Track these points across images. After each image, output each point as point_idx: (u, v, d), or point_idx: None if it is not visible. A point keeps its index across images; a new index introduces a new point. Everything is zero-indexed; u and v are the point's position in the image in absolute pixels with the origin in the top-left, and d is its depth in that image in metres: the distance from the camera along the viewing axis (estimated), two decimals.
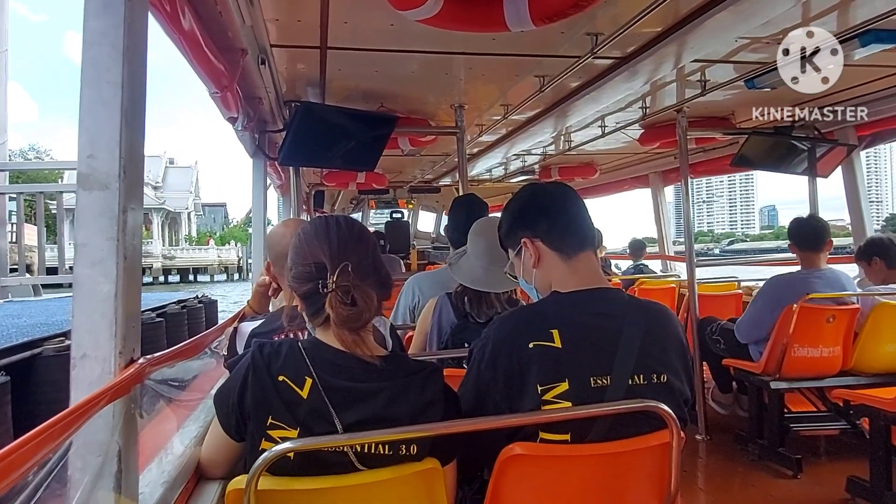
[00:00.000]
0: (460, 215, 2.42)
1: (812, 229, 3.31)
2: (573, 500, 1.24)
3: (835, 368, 3.19)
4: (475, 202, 2.52)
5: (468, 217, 2.26)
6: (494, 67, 3.02)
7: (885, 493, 2.59)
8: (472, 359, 1.32)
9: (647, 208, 6.46)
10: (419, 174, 7.06)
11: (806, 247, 3.29)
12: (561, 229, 1.35)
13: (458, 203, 2.56)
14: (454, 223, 2.44)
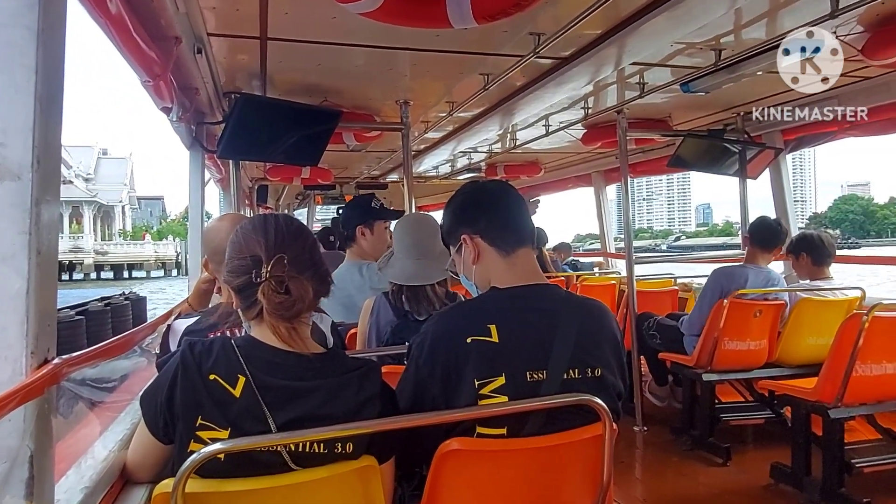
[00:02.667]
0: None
1: (770, 231, 3.46)
2: (510, 493, 1.25)
3: (761, 360, 3.36)
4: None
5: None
6: (439, 64, 3.02)
7: (804, 478, 2.75)
8: (410, 354, 1.32)
9: (592, 206, 6.63)
10: (366, 170, 7.00)
11: (758, 244, 3.45)
12: (499, 226, 1.36)
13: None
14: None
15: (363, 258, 2.67)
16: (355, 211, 2.80)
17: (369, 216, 2.65)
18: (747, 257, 3.50)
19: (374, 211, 2.66)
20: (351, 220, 2.72)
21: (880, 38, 2.48)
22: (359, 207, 2.79)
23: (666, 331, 3.73)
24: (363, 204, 2.78)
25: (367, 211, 2.70)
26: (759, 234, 3.46)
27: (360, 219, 2.69)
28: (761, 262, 3.44)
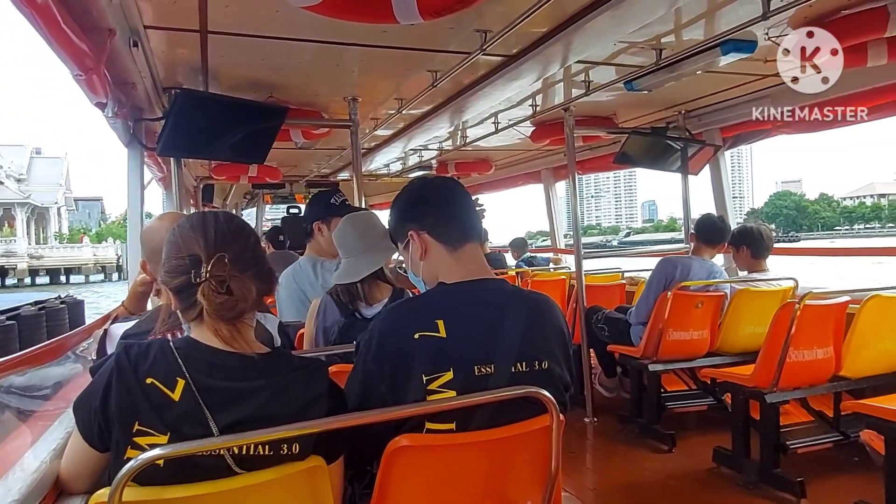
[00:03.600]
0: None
1: (715, 228, 3.61)
2: (460, 486, 1.26)
3: (703, 350, 3.49)
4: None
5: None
6: (387, 60, 3.00)
7: (744, 460, 2.87)
8: (358, 352, 1.31)
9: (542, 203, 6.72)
10: (315, 168, 6.89)
11: (703, 240, 3.60)
12: (446, 222, 1.36)
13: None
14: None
15: (320, 255, 2.65)
16: (314, 207, 2.76)
17: (326, 212, 2.62)
18: (693, 251, 3.63)
19: (332, 207, 2.63)
20: (309, 216, 2.71)
21: None
22: (318, 203, 2.75)
23: (614, 324, 3.82)
24: (323, 199, 2.74)
25: (326, 207, 2.67)
26: (705, 231, 3.60)
27: (317, 214, 2.66)
28: (706, 256, 3.58)
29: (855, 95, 3.34)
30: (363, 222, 2.06)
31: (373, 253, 1.95)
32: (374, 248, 1.96)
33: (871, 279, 3.15)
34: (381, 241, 1.95)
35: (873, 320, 2.85)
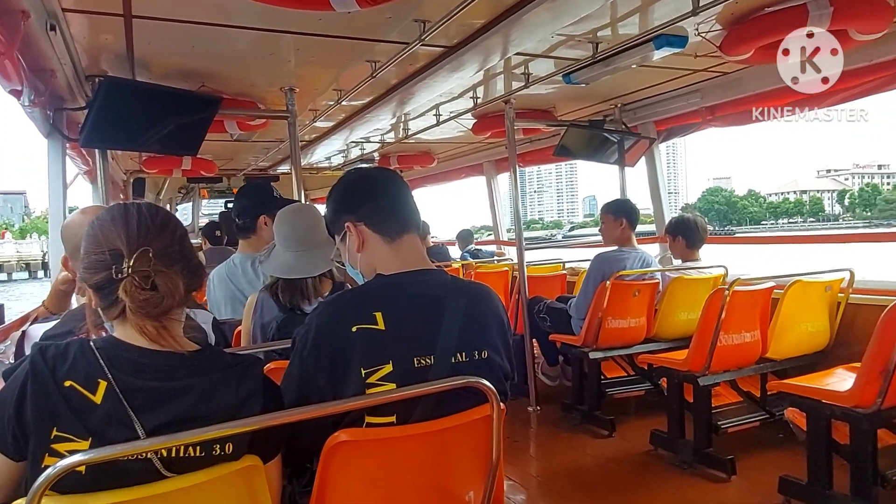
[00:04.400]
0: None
1: (636, 213, 3.77)
2: (402, 480, 1.25)
3: (640, 336, 3.60)
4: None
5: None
6: (325, 50, 2.93)
7: (679, 441, 2.98)
8: (294, 347, 1.27)
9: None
10: (253, 161, 6.69)
11: (629, 220, 3.71)
12: (383, 213, 1.34)
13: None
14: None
15: (259, 251, 2.53)
16: (256, 199, 2.59)
17: (272, 205, 2.50)
18: (622, 241, 3.72)
19: (279, 200, 2.54)
20: (251, 209, 2.53)
21: (735, 35, 2.69)
22: (260, 195, 2.61)
23: (555, 313, 3.89)
24: (264, 191, 2.63)
25: (270, 199, 2.56)
26: (631, 215, 3.74)
27: (262, 207, 2.51)
28: (633, 242, 3.71)
29: (776, 91, 3.50)
30: (313, 215, 2.00)
31: (327, 247, 1.88)
32: (327, 242, 1.90)
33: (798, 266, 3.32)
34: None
35: (795, 304, 3.01)
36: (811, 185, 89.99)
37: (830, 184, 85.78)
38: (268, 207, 2.49)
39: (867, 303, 3.07)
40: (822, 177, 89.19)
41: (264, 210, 2.50)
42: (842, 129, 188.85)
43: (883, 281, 3.23)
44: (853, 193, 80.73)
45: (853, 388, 2.27)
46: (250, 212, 2.54)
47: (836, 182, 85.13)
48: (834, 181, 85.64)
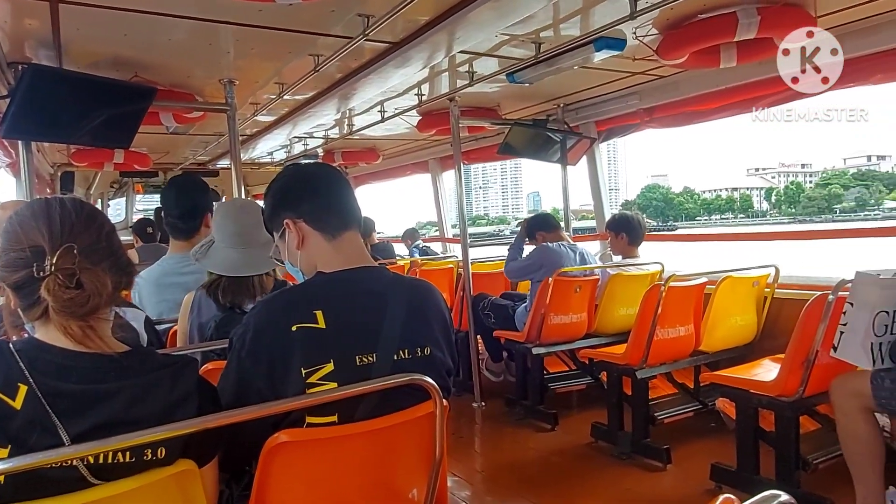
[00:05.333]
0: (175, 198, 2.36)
1: (549, 217, 4.04)
2: (345, 480, 1.23)
3: (582, 332, 3.69)
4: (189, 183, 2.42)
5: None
6: (265, 42, 2.86)
7: (618, 433, 3.07)
8: (232, 347, 1.23)
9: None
10: (191, 155, 6.46)
11: (548, 229, 3.92)
12: (323, 209, 1.32)
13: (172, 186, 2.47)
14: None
15: None
16: (204, 195, 2.46)
17: (214, 199, 2.40)
18: (552, 239, 3.85)
19: (215, 194, 2.43)
20: (202, 207, 2.39)
21: (671, 40, 2.79)
22: (206, 190, 2.48)
23: (499, 310, 3.94)
24: (206, 186, 2.51)
25: (212, 193, 2.46)
26: (548, 223, 3.98)
27: (211, 205, 2.39)
28: (565, 237, 3.87)
29: (709, 95, 3.66)
30: (258, 210, 1.93)
31: (269, 247, 1.82)
32: (270, 241, 1.84)
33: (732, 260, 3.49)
34: None
35: (726, 299, 3.15)
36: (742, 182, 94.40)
37: (759, 182, 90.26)
38: (211, 204, 2.39)
39: (791, 297, 3.25)
40: (751, 175, 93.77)
41: (210, 207, 2.38)
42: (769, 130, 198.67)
43: (805, 276, 3.43)
44: (779, 191, 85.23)
45: (777, 378, 2.40)
46: (200, 210, 2.39)
47: (764, 180, 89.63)
48: (762, 179, 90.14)
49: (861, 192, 73.73)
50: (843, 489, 2.22)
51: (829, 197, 74.98)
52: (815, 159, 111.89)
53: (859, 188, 74.32)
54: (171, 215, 2.37)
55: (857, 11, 2.68)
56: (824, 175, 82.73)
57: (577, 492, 2.71)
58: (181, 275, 2.27)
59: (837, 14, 2.69)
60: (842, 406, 2.17)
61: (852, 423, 2.13)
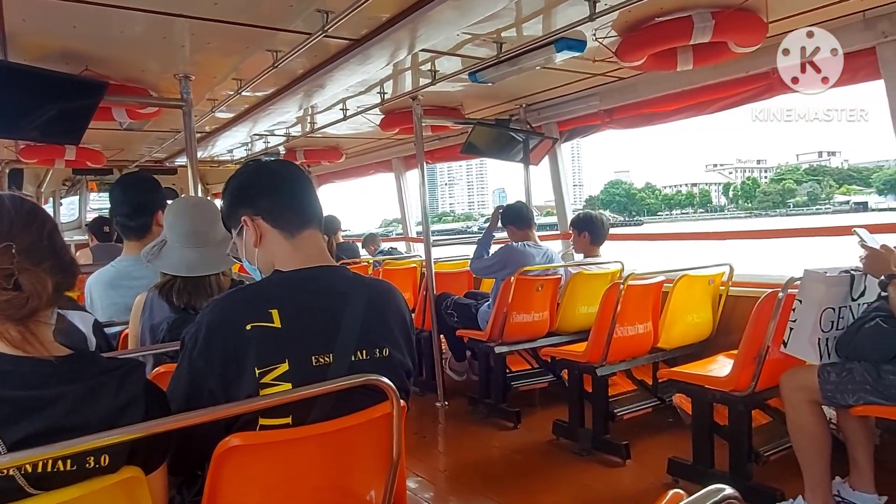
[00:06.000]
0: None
1: (524, 211, 3.95)
2: (299, 483, 1.21)
3: (543, 330, 3.72)
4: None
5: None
6: (222, 36, 2.79)
7: (579, 429, 3.11)
8: (183, 347, 1.20)
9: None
10: (147, 152, 6.27)
11: (520, 225, 3.87)
12: (283, 207, 1.30)
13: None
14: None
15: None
16: (154, 193, 2.35)
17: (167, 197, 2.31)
18: (516, 237, 3.88)
19: (170, 191, 2.35)
20: (152, 205, 2.29)
21: (629, 42, 2.83)
22: (156, 189, 2.37)
23: (462, 309, 3.94)
24: (157, 184, 2.40)
25: (164, 191, 2.38)
26: (517, 217, 3.92)
27: (162, 203, 2.29)
28: (533, 237, 3.88)
29: (667, 97, 3.73)
30: (212, 208, 1.88)
31: (227, 242, 1.77)
32: (226, 240, 1.79)
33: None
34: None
35: (683, 297, 3.22)
36: (701, 178, 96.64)
37: (717, 177, 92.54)
38: (163, 202, 2.30)
39: (744, 294, 3.34)
40: (709, 171, 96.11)
41: (161, 205, 2.29)
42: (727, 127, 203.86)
43: (757, 274, 3.53)
44: (736, 186, 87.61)
45: (731, 374, 2.46)
46: (149, 208, 2.29)
47: (722, 175, 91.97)
48: (720, 175, 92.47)
49: (813, 186, 76.45)
50: (793, 480, 2.29)
51: (783, 192, 77.52)
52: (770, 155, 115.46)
53: (811, 183, 77.06)
54: (120, 214, 2.28)
55: (806, 18, 2.77)
56: (778, 171, 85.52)
57: (539, 489, 2.73)
58: (135, 278, 2.18)
59: (788, 20, 2.78)
60: (791, 399, 2.24)
61: (801, 416, 2.20)
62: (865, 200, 64.17)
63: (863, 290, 2.23)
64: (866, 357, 2.07)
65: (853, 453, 2.30)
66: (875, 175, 71.47)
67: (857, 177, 74.88)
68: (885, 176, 67.66)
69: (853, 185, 74.02)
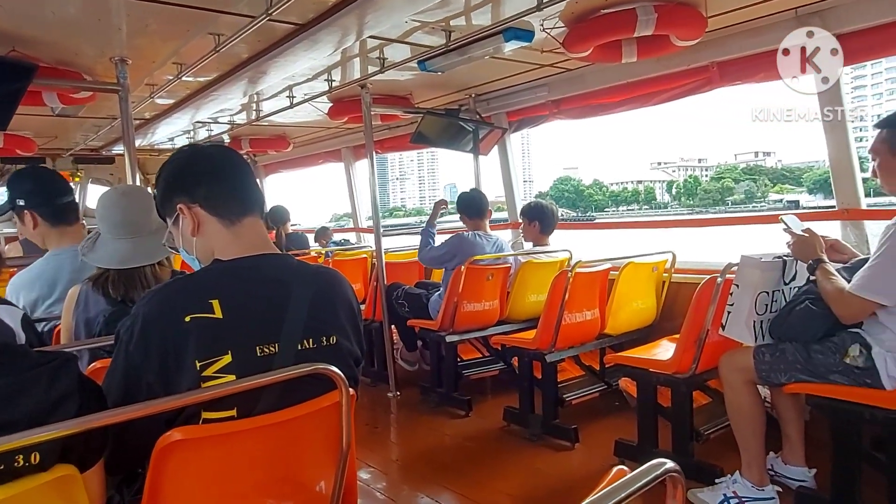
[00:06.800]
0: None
1: (478, 200, 3.93)
2: (247, 477, 1.18)
3: (494, 319, 3.75)
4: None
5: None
6: (161, 18, 2.67)
7: (529, 415, 3.16)
8: (118, 340, 1.15)
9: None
10: (82, 140, 5.98)
11: (472, 214, 3.86)
12: (221, 194, 1.25)
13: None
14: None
15: (77, 242, 2.21)
16: (65, 183, 2.26)
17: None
18: (471, 227, 3.89)
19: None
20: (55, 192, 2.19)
21: (576, 33, 2.87)
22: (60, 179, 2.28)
23: (413, 299, 3.94)
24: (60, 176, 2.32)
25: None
26: (470, 206, 3.92)
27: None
28: (485, 227, 3.90)
29: (613, 89, 3.81)
30: (146, 197, 1.80)
31: (163, 232, 1.70)
32: (162, 229, 1.71)
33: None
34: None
35: (628, 284, 3.30)
36: (646, 175, 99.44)
37: (661, 175, 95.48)
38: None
39: (686, 281, 3.46)
40: (654, 169, 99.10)
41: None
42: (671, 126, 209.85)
43: (698, 261, 3.66)
44: (679, 184, 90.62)
45: (673, 357, 2.55)
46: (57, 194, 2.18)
47: (666, 173, 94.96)
48: (664, 172, 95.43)
49: (749, 185, 79.93)
50: (731, 456, 2.40)
51: (722, 190, 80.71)
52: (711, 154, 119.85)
53: (748, 182, 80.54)
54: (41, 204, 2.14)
55: (743, 13, 2.88)
56: (718, 169, 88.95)
57: (492, 474, 2.76)
58: (72, 271, 2.07)
59: (726, 15, 2.87)
60: (729, 380, 2.33)
61: (738, 396, 2.30)
62: (797, 199, 67.56)
63: (794, 275, 2.34)
64: (797, 338, 2.17)
65: (786, 429, 2.42)
66: (806, 175, 75.34)
67: (789, 176, 78.79)
68: (815, 176, 71.34)
69: (786, 185, 77.82)
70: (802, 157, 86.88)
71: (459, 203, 3.98)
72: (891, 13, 2.63)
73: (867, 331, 2.05)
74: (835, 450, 2.10)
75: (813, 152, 75.03)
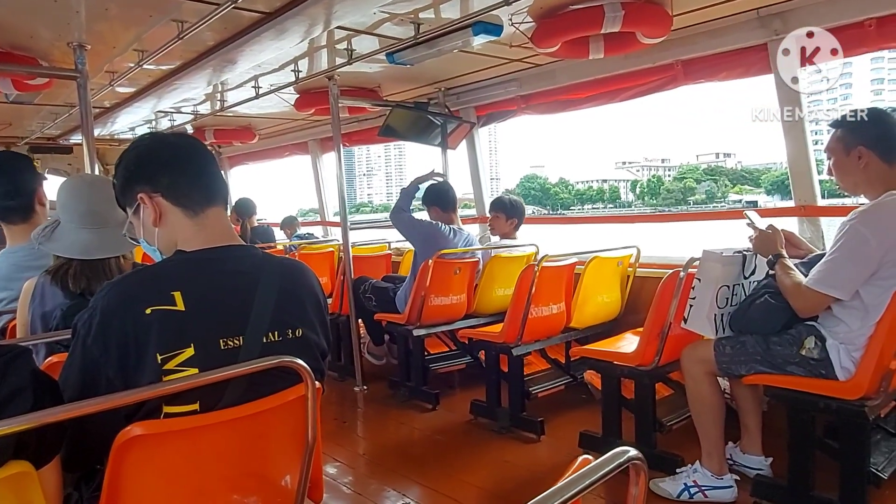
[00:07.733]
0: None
1: (451, 192, 3.97)
2: (210, 472, 1.16)
3: (461, 313, 3.76)
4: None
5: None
6: (122, 3, 2.59)
7: (497, 408, 3.19)
8: (76, 334, 1.11)
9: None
10: (38, 128, 5.77)
11: (444, 207, 3.89)
12: (185, 183, 1.22)
13: None
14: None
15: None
16: (34, 171, 2.13)
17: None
18: (445, 219, 3.89)
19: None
20: (33, 181, 2.08)
21: (544, 29, 2.88)
22: (32, 165, 2.16)
23: (380, 293, 3.92)
24: (31, 161, 2.22)
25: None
26: (441, 199, 3.93)
27: (40, 180, 2.10)
28: (456, 221, 3.91)
29: (581, 84, 3.85)
30: (111, 186, 1.74)
31: None
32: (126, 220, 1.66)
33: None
34: None
35: (594, 278, 3.35)
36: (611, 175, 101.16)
37: (626, 174, 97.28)
38: (41, 180, 2.11)
39: (650, 275, 3.52)
40: (619, 168, 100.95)
41: (40, 182, 2.10)
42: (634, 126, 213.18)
43: (662, 256, 3.73)
44: (643, 183, 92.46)
45: (637, 349, 2.59)
46: (32, 185, 2.07)
47: (630, 173, 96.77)
48: (629, 172, 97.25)
49: (710, 185, 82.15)
50: (692, 446, 2.46)
51: (684, 189, 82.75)
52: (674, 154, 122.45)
53: (709, 182, 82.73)
54: None
55: (708, 12, 2.94)
56: (681, 170, 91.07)
57: (459, 467, 2.77)
58: (37, 269, 1.97)
59: (692, 14, 2.93)
60: (690, 372, 2.39)
61: (699, 387, 2.36)
62: (755, 199, 69.67)
63: (753, 269, 2.41)
64: (757, 330, 2.24)
65: (744, 420, 2.50)
66: (764, 176, 77.70)
67: (748, 177, 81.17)
68: (772, 177, 73.64)
69: (745, 185, 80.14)
70: (761, 159, 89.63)
71: (430, 195, 3.95)
72: (848, 15, 2.72)
73: (822, 323, 2.13)
74: (791, 438, 2.17)
75: (771, 153, 77.40)
